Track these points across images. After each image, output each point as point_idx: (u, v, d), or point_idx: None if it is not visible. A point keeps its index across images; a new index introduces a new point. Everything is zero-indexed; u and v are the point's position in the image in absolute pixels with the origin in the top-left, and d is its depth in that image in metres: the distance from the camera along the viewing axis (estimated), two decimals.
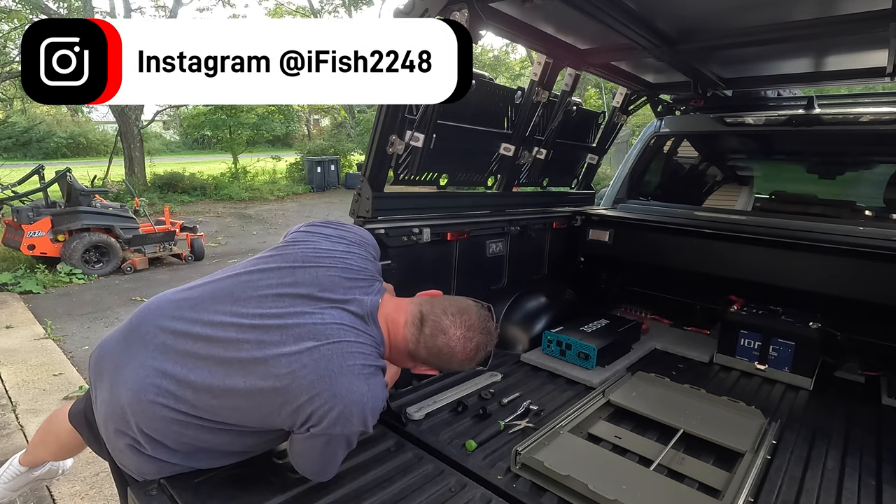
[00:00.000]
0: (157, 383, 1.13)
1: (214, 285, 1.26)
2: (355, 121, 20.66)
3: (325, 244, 1.33)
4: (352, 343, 1.16)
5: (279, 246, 1.36)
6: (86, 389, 3.65)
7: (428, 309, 1.29)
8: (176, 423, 1.14)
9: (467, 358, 1.28)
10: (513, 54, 24.90)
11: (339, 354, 1.13)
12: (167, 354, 1.16)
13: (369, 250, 1.40)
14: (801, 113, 2.68)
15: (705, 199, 3.60)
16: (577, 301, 2.76)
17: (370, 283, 1.31)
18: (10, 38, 11.56)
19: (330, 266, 1.27)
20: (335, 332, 1.15)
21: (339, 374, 1.11)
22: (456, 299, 1.34)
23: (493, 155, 2.45)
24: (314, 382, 1.10)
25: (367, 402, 1.13)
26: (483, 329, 1.30)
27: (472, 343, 1.27)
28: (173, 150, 28.09)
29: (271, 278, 1.23)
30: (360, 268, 1.32)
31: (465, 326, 1.27)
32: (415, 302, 1.33)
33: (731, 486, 1.34)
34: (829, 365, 2.22)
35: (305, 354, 1.11)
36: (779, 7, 1.81)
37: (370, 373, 1.16)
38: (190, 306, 1.21)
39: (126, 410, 1.15)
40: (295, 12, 20.48)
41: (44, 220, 6.38)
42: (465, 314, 1.28)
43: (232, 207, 13.13)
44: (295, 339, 1.13)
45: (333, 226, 1.42)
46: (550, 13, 1.95)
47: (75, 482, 2.52)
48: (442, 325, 1.26)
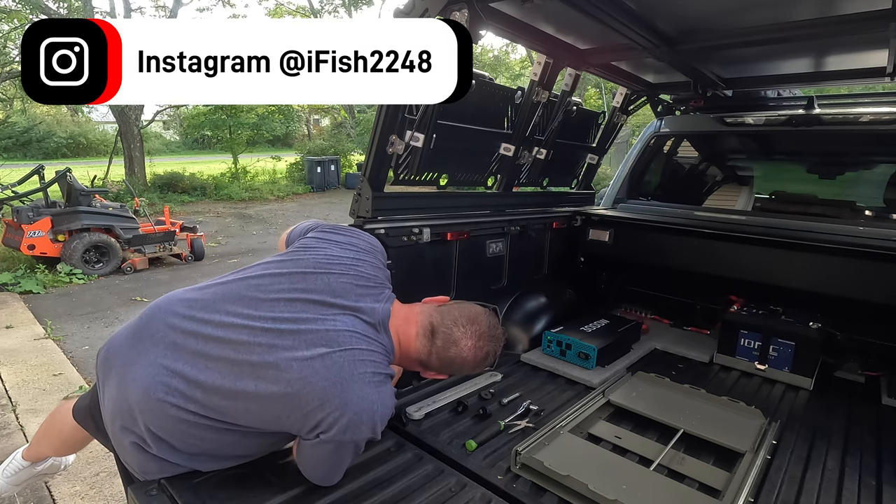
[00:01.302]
0: (167, 382, 1.13)
1: (226, 287, 1.26)
2: (355, 121, 20.67)
3: (336, 251, 1.35)
4: (363, 351, 1.17)
5: (291, 251, 1.37)
6: (86, 389, 3.66)
7: (438, 320, 1.31)
8: (183, 423, 1.14)
9: (478, 365, 1.33)
10: (513, 54, 24.93)
11: (350, 362, 1.14)
12: (178, 353, 1.16)
13: (378, 258, 1.42)
14: (801, 113, 2.67)
15: (705, 199, 3.60)
16: (577, 301, 2.76)
17: (380, 290, 1.33)
18: (10, 38, 11.56)
19: (342, 273, 1.29)
20: (347, 339, 1.16)
21: (350, 382, 1.12)
22: (465, 307, 1.36)
23: (493, 155, 2.45)
24: (325, 389, 1.10)
25: (376, 410, 1.14)
26: (492, 337, 1.33)
27: (483, 352, 1.31)
28: (173, 150, 28.11)
29: (283, 283, 1.24)
30: (371, 275, 1.33)
31: (475, 336, 1.29)
32: (424, 312, 1.34)
33: (731, 486, 1.34)
34: (829, 365, 2.22)
35: (317, 360, 1.12)
36: (779, 7, 1.81)
37: (380, 381, 1.17)
38: (201, 307, 1.21)
39: (134, 408, 1.14)
40: (295, 12, 20.50)
41: (44, 220, 6.38)
42: (475, 324, 1.31)
43: (232, 207, 13.14)
44: (307, 344, 1.14)
45: (344, 232, 1.43)
46: (550, 13, 1.95)
47: (75, 482, 2.52)
48: (454, 336, 1.28)
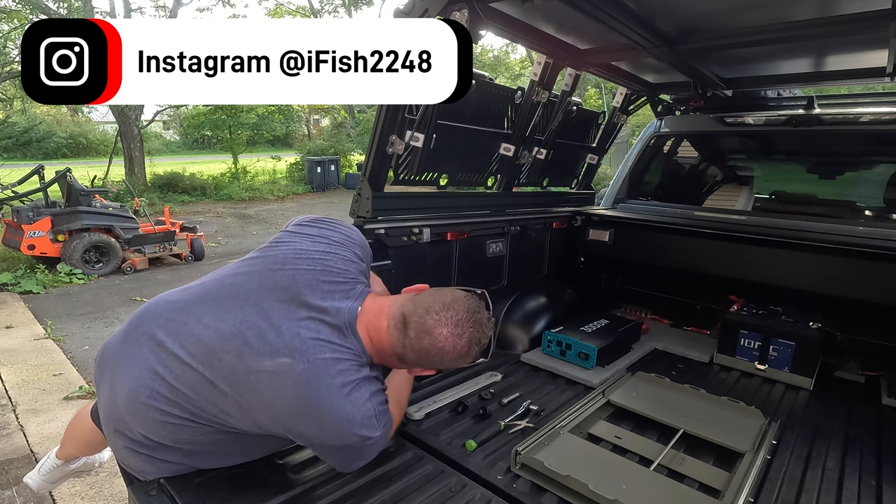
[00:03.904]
0: (151, 385, 1.13)
1: (203, 288, 1.25)
2: (355, 121, 20.67)
3: (306, 244, 1.27)
4: (328, 361, 1.11)
5: (264, 247, 1.31)
6: (86, 390, 3.66)
7: (410, 308, 1.19)
8: (169, 426, 1.14)
9: (461, 355, 1.19)
10: (513, 54, 24.91)
11: (315, 376, 1.09)
12: (160, 357, 1.16)
13: (353, 250, 1.32)
14: (801, 113, 2.67)
15: (705, 199, 3.60)
16: (577, 301, 2.76)
17: (351, 286, 1.24)
18: (10, 38, 11.56)
19: (309, 269, 1.21)
20: (311, 349, 1.11)
21: (319, 398, 1.08)
22: (441, 292, 1.23)
23: (493, 155, 2.45)
24: (297, 406, 1.09)
25: (354, 418, 1.10)
26: (473, 322, 1.19)
27: (463, 339, 1.17)
28: (173, 150, 28.11)
29: (252, 283, 1.21)
30: (341, 270, 1.25)
31: (451, 323, 1.16)
32: (397, 302, 1.23)
33: (731, 486, 1.34)
34: (829, 365, 2.22)
35: (284, 375, 1.08)
36: (779, 7, 1.81)
37: (351, 388, 1.12)
38: (180, 309, 1.21)
39: (123, 411, 1.15)
40: (295, 12, 20.50)
41: (44, 220, 6.38)
42: (450, 309, 1.18)
43: (232, 207, 13.14)
44: (272, 352, 1.10)
45: (318, 224, 1.35)
46: (550, 13, 1.95)
47: (75, 482, 2.52)
48: (426, 324, 1.16)
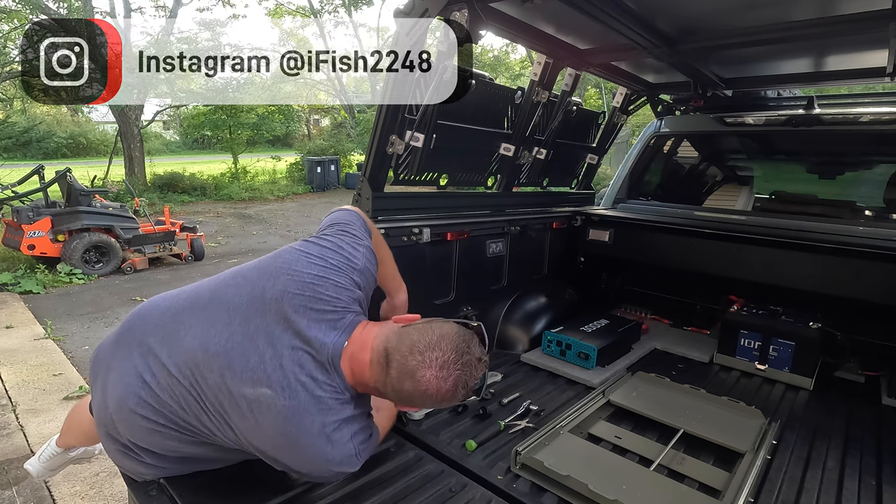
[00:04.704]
0: (138, 393, 1.12)
1: (197, 295, 1.23)
2: (355, 121, 20.67)
3: (303, 264, 1.18)
4: (310, 399, 1.07)
5: (266, 257, 1.26)
6: (85, 390, 3.66)
7: (394, 344, 1.10)
8: (157, 434, 1.13)
9: (445, 399, 1.11)
10: (513, 54, 24.88)
11: (296, 414, 1.05)
12: (148, 364, 1.14)
13: (352, 276, 1.20)
14: (801, 113, 2.67)
15: (705, 199, 3.60)
16: (577, 301, 2.76)
17: (340, 315, 1.15)
18: (10, 38, 11.56)
19: (297, 293, 1.13)
20: (293, 384, 1.07)
21: (298, 437, 1.06)
22: (429, 328, 1.13)
23: (493, 155, 2.45)
24: (276, 440, 1.08)
25: (333, 458, 1.09)
26: (462, 363, 1.09)
27: (448, 382, 1.08)
28: (173, 150, 28.11)
29: (243, 297, 1.16)
30: (330, 297, 1.15)
31: (436, 365, 1.07)
32: (381, 334, 1.14)
33: (731, 486, 1.34)
34: (829, 365, 2.22)
35: (265, 407, 1.06)
36: (779, 7, 1.81)
37: (333, 430, 1.08)
38: (172, 315, 1.19)
39: (113, 416, 1.15)
40: (295, 12, 20.49)
41: (44, 220, 6.38)
42: (436, 349, 1.08)
43: (232, 207, 13.14)
44: (253, 381, 1.07)
45: (323, 244, 1.24)
46: (550, 13, 1.95)
47: (75, 482, 2.52)
48: (408, 366, 1.07)
